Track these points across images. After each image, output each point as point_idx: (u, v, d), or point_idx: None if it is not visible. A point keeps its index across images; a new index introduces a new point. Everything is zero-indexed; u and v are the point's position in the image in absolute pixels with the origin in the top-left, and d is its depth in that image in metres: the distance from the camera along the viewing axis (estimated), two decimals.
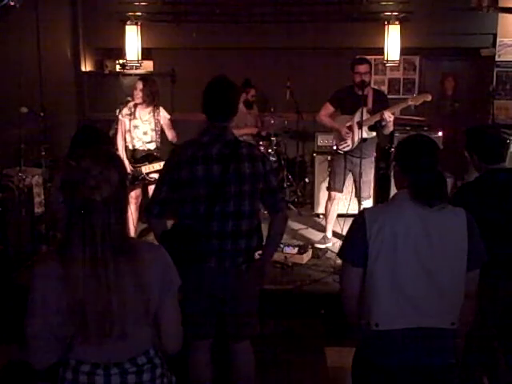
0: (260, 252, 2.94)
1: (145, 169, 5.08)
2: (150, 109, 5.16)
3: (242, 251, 2.77)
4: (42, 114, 5.18)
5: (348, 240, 2.32)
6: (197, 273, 2.70)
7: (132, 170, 5.07)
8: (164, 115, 5.23)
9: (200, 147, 2.69)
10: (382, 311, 2.16)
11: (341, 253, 2.34)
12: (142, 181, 5.14)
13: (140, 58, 7.39)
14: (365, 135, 4.96)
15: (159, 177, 2.90)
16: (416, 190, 2.17)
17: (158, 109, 5.20)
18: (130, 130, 5.12)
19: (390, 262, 2.14)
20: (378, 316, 2.16)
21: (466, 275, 2.19)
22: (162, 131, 5.24)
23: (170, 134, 5.26)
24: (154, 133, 5.15)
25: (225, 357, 2.97)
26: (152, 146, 5.16)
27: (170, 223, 2.81)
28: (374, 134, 5.09)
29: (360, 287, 2.22)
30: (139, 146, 5.14)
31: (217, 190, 2.64)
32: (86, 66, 7.94)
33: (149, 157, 5.13)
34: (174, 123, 5.38)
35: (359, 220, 2.23)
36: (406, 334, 2.16)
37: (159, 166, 4.99)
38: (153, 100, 5.14)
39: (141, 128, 5.13)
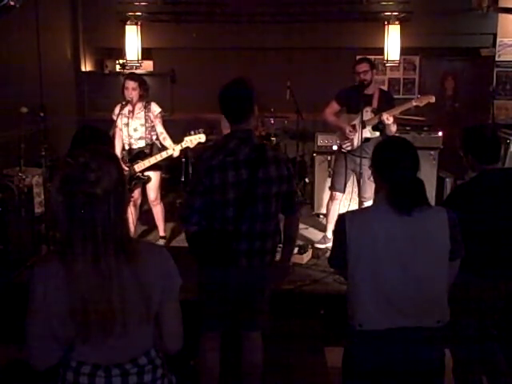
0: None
1: (138, 167, 5.04)
2: (141, 104, 5.11)
3: (269, 250, 2.89)
4: (41, 114, 5.17)
5: (332, 244, 2.40)
6: (227, 273, 2.82)
7: (126, 170, 5.02)
8: (154, 109, 5.14)
9: (229, 153, 2.75)
10: (365, 312, 2.19)
11: (328, 259, 2.47)
12: (137, 180, 5.10)
13: (140, 58, 7.39)
14: (368, 135, 4.95)
15: (191, 184, 2.95)
16: (394, 201, 2.18)
17: (150, 104, 5.14)
18: (121, 129, 5.09)
19: (370, 265, 2.17)
20: (361, 317, 2.19)
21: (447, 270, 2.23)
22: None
23: (158, 130, 5.13)
24: (143, 128, 5.08)
25: (235, 347, 3.09)
26: (142, 143, 5.10)
27: None
28: (378, 133, 5.09)
29: None
30: (130, 143, 5.11)
31: (246, 193, 2.72)
32: (86, 66, 7.94)
33: (140, 154, 5.05)
34: (174, 123, 5.35)
35: (340, 224, 2.27)
36: (389, 333, 2.17)
37: (149, 162, 4.98)
38: (147, 96, 5.13)
39: (131, 125, 5.08)
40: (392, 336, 2.17)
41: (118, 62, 8.04)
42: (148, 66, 8.05)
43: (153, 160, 4.99)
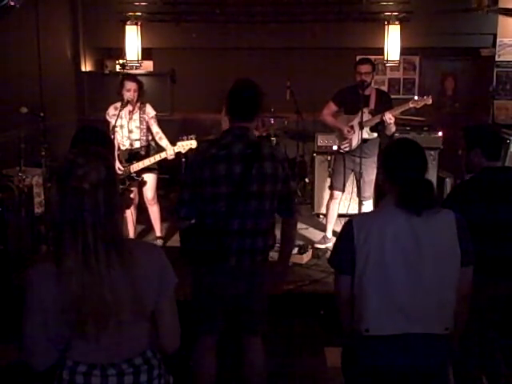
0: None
1: (132, 168, 5.04)
2: (136, 106, 5.11)
3: (260, 250, 2.82)
4: (41, 114, 5.17)
5: (336, 248, 2.33)
6: (216, 271, 2.77)
7: (122, 170, 5.03)
8: (149, 111, 5.15)
9: (222, 147, 2.72)
10: (372, 317, 2.16)
11: (330, 260, 2.37)
12: (132, 180, 5.10)
13: (140, 58, 7.40)
14: (366, 136, 4.96)
15: (183, 177, 2.93)
16: (403, 201, 2.16)
17: (145, 106, 5.15)
18: (117, 131, 5.07)
19: (378, 269, 2.14)
20: (368, 322, 2.16)
21: (458, 277, 2.18)
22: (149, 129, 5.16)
23: (154, 130, 5.14)
24: (139, 130, 5.09)
25: (236, 352, 3.03)
26: (138, 144, 5.11)
27: None
28: (376, 135, 5.10)
29: (350, 293, 2.23)
30: (127, 144, 5.11)
31: (238, 188, 2.67)
32: (86, 66, 7.94)
33: (136, 155, 5.06)
34: (174, 123, 5.34)
35: (347, 228, 2.23)
36: (396, 339, 2.15)
37: (143, 164, 4.98)
38: (142, 97, 5.13)
39: (126, 127, 5.09)
40: (398, 342, 2.14)
41: (117, 61, 8.02)
42: (148, 65, 8.06)
43: (147, 162, 5.02)
